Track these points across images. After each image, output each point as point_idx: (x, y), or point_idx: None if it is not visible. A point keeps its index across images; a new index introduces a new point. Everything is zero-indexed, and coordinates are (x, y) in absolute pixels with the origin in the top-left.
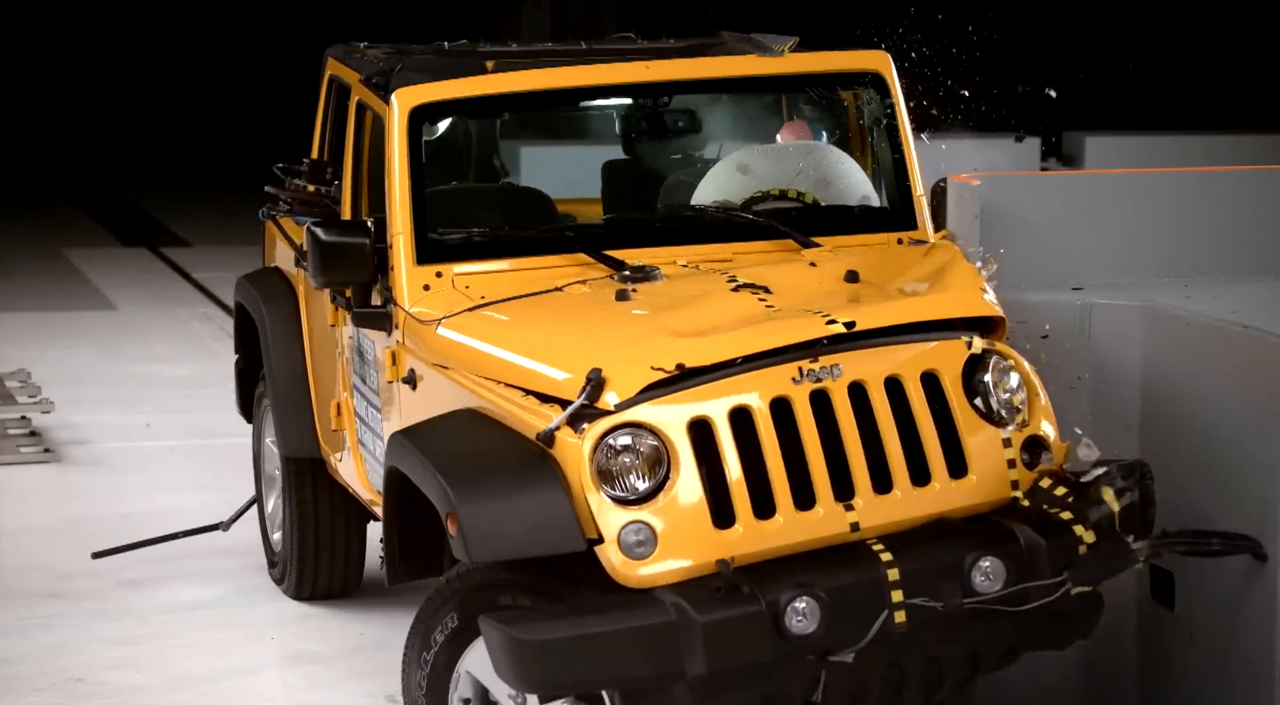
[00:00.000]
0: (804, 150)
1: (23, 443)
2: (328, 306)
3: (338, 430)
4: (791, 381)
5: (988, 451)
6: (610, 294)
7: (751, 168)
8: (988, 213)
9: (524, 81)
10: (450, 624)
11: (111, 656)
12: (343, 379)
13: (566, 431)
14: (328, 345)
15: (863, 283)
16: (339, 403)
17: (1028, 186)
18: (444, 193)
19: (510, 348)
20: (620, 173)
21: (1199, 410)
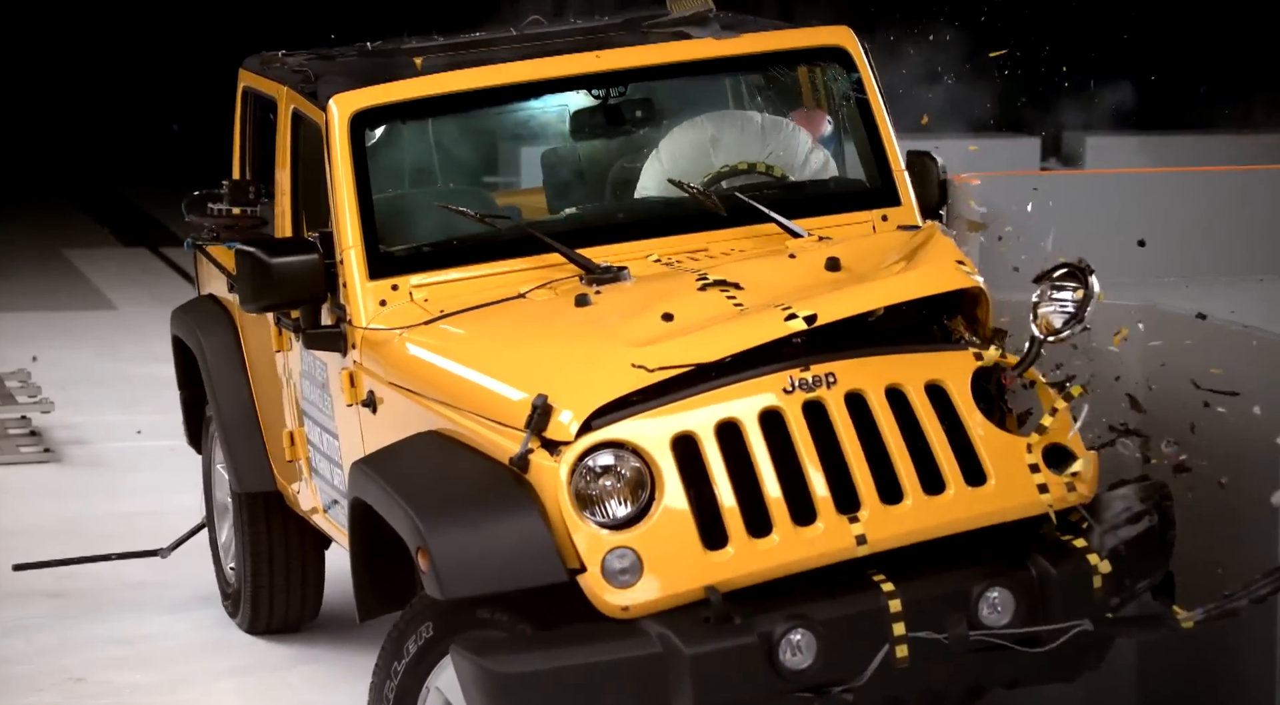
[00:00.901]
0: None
1: (23, 443)
2: (270, 332)
3: (292, 461)
4: (782, 392)
5: (1007, 457)
6: (572, 299)
7: (715, 138)
8: (988, 213)
9: (470, 79)
10: (425, 634)
11: (111, 656)
12: (293, 407)
13: (541, 454)
14: (273, 373)
15: (844, 271)
16: (291, 432)
17: (1028, 186)
18: (392, 201)
19: (468, 367)
20: (566, 164)
21: (1199, 410)
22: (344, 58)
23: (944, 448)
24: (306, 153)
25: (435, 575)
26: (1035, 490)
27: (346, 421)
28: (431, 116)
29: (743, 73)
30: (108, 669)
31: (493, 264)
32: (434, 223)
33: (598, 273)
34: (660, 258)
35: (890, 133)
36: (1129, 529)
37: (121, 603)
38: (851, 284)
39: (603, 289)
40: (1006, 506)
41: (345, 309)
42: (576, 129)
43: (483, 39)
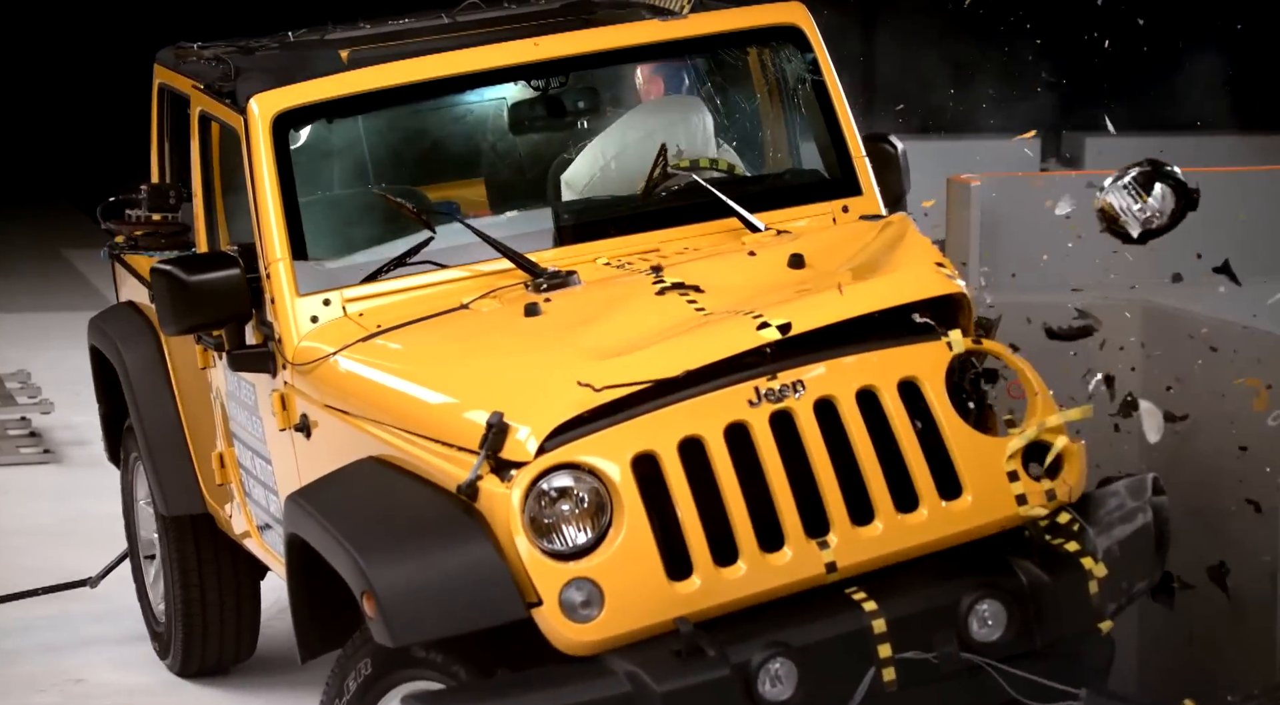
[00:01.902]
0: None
1: (23, 443)
2: (195, 346)
3: (223, 484)
4: (748, 404)
5: (984, 465)
6: (520, 309)
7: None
8: (988, 213)
9: (400, 73)
10: (364, 671)
11: (111, 657)
12: (221, 428)
13: (491, 480)
14: (200, 389)
15: (809, 268)
16: (220, 454)
17: (1028, 186)
18: (321, 207)
19: (411, 387)
20: (507, 160)
21: (1199, 411)
22: (264, 50)
23: (918, 459)
24: (225, 156)
25: (383, 621)
26: (1013, 502)
27: (279, 446)
28: (360, 114)
29: (690, 56)
30: (108, 669)
31: (432, 273)
32: (367, 230)
33: (545, 278)
34: (610, 260)
35: (849, 117)
36: (1122, 528)
37: (121, 603)
38: (819, 282)
39: (552, 296)
40: (983, 523)
41: (273, 327)
42: (516, 123)
43: (413, 26)
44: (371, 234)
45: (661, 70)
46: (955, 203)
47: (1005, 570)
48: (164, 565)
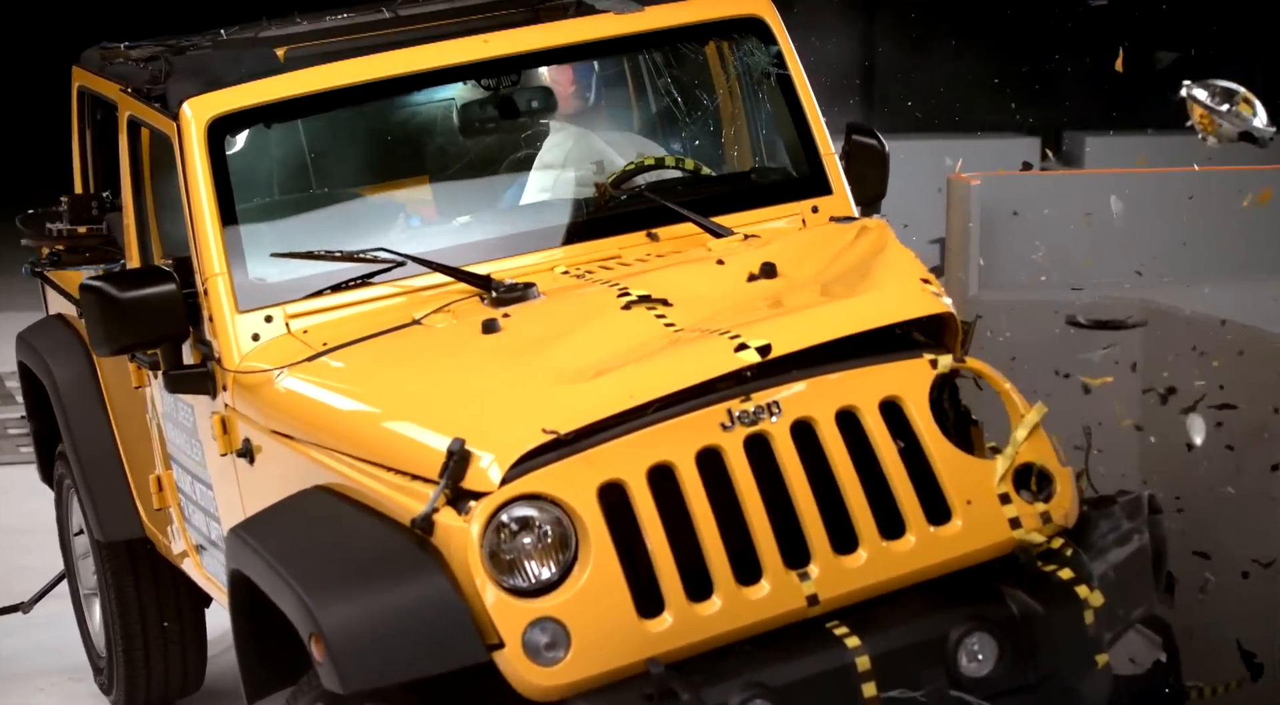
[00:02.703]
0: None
1: (22, 443)
2: (130, 363)
3: (161, 508)
4: (721, 428)
5: (973, 487)
6: (477, 325)
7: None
8: (988, 213)
9: (341, 74)
10: None
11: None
12: (159, 449)
13: (448, 513)
14: (136, 407)
15: (781, 278)
16: (158, 477)
17: (1028, 186)
18: (260, 216)
19: (361, 411)
20: (457, 164)
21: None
22: (195, 50)
23: (903, 483)
24: (156, 163)
25: (333, 667)
26: (1006, 526)
27: (221, 472)
28: (300, 117)
29: (648, 50)
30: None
31: (381, 286)
32: (312, 239)
33: (502, 292)
34: (569, 269)
35: (817, 112)
36: (1118, 552)
37: None
38: (794, 294)
39: (511, 311)
40: (974, 549)
41: (212, 345)
42: (465, 125)
43: (354, 22)
44: (317, 243)
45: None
46: (955, 203)
47: (996, 600)
48: (102, 594)
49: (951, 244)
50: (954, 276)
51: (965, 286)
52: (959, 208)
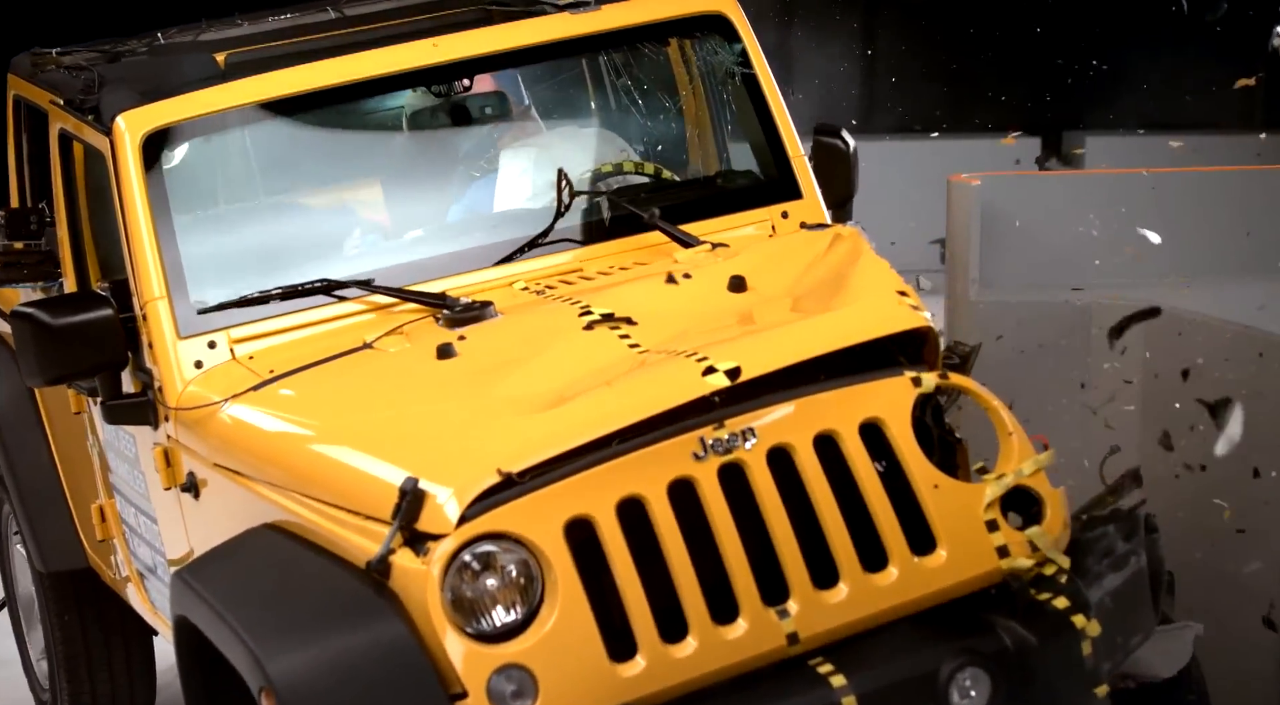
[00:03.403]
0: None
1: None
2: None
3: (105, 539)
4: (693, 457)
5: (959, 514)
6: (432, 349)
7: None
8: (988, 213)
9: (283, 83)
10: None
11: None
12: (101, 478)
13: (405, 555)
14: (76, 432)
15: (751, 292)
16: (100, 506)
17: (1028, 186)
18: (201, 234)
19: (311, 444)
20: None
21: (1199, 411)
22: (131, 56)
23: (885, 512)
24: (91, 178)
25: None
26: (994, 554)
27: (165, 507)
28: (241, 128)
29: (606, 51)
30: None
31: (331, 305)
32: (256, 255)
33: (457, 312)
34: (528, 284)
35: (784, 112)
36: (1114, 576)
37: None
38: (765, 310)
39: (467, 333)
40: (961, 579)
41: (152, 373)
42: (417, 133)
43: (297, 23)
44: (262, 260)
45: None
46: (955, 203)
47: (987, 632)
48: (44, 626)
49: (952, 244)
50: (954, 277)
51: (965, 287)
52: (959, 208)
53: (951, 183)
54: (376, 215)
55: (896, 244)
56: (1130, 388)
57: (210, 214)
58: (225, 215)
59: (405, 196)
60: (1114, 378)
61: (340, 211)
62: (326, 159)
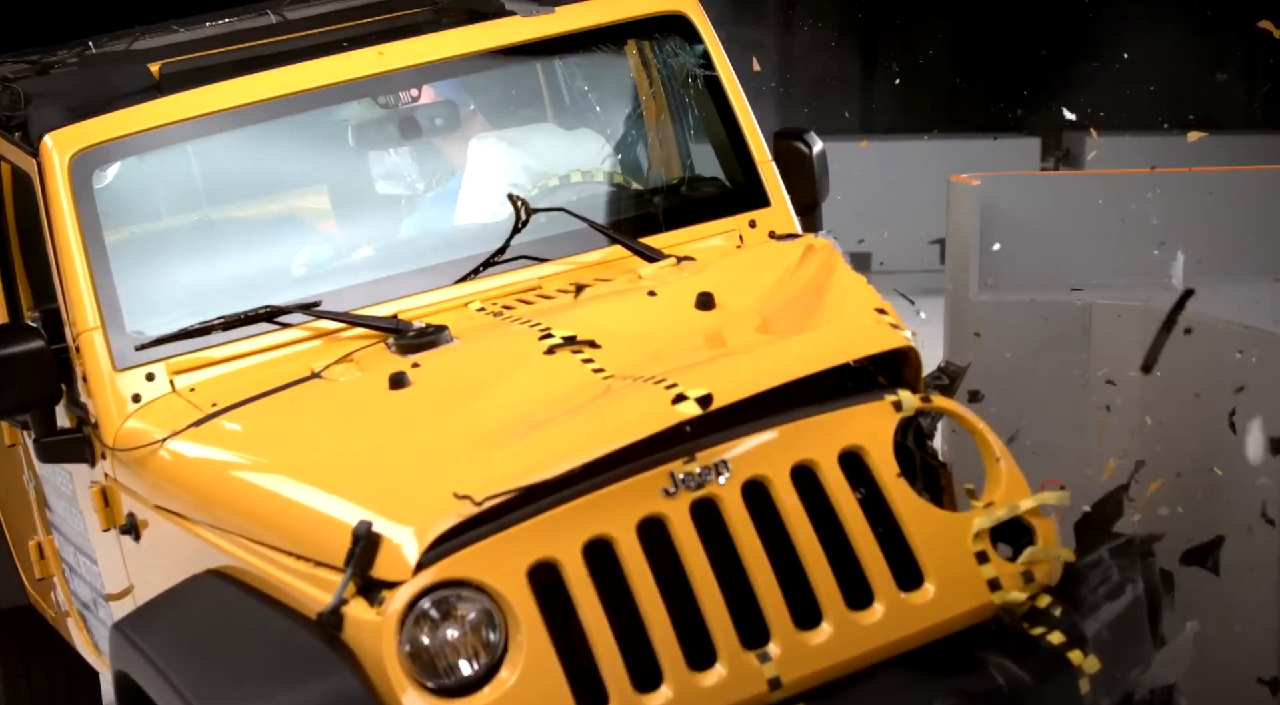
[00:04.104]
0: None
1: None
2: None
3: (44, 577)
4: (663, 493)
5: (947, 546)
6: (384, 379)
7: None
8: (988, 213)
9: (221, 97)
10: None
11: None
12: (38, 514)
13: (359, 605)
14: (12, 465)
15: (719, 309)
16: (39, 543)
17: (1028, 186)
18: (136, 258)
19: (258, 484)
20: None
21: (1200, 410)
22: (60, 68)
23: (868, 547)
24: (20, 201)
25: None
26: (985, 588)
27: (105, 548)
28: (177, 144)
29: (563, 56)
30: None
31: (276, 331)
32: (196, 278)
33: (410, 337)
34: (485, 304)
35: (750, 116)
36: (1111, 606)
37: None
38: (735, 330)
39: (421, 360)
40: (951, 616)
41: (88, 409)
42: (361, 148)
43: (236, 28)
44: (202, 284)
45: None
46: (955, 203)
47: (979, 671)
48: None
49: (952, 244)
50: (954, 277)
51: (965, 287)
52: (960, 208)
53: (951, 183)
54: (324, 234)
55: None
56: (1130, 387)
57: (146, 237)
58: (162, 238)
59: (354, 214)
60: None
61: (285, 231)
62: (269, 176)
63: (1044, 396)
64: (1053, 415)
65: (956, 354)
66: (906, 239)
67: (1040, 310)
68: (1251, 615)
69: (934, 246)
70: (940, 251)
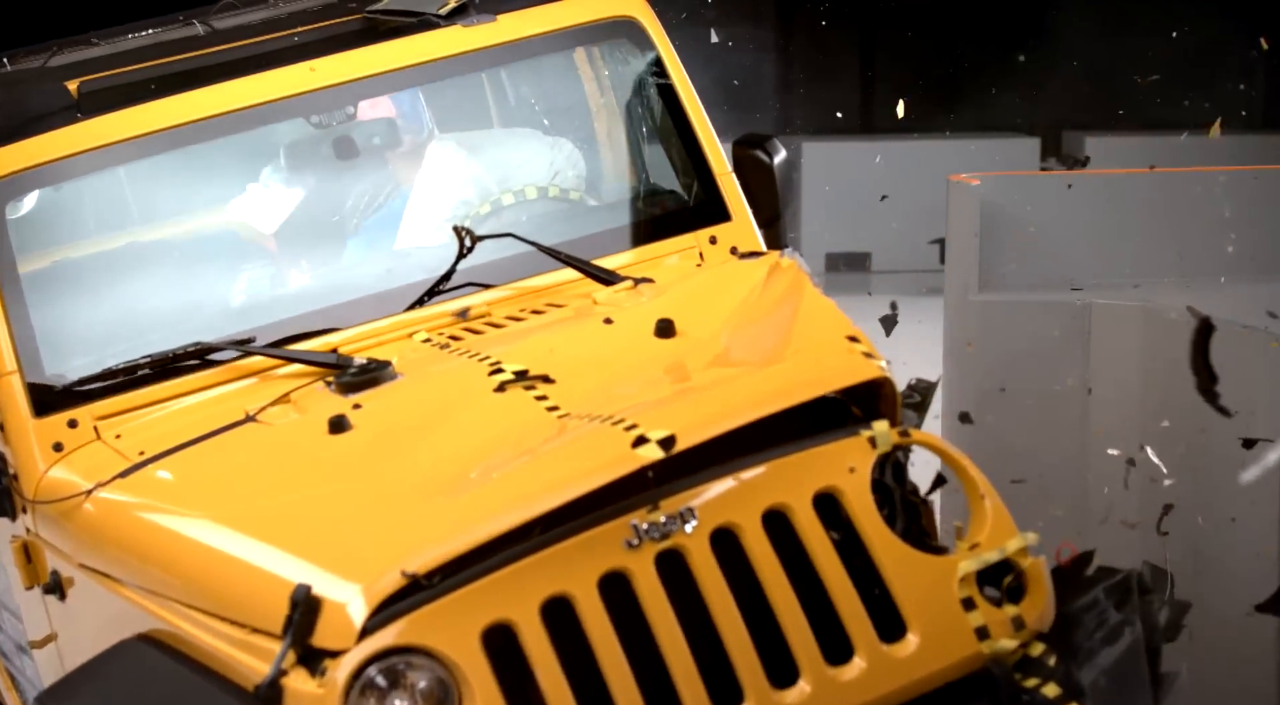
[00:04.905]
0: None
1: None
2: None
3: None
4: (625, 546)
5: (931, 593)
6: (323, 423)
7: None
8: (988, 213)
9: (143, 121)
10: None
11: None
12: None
13: (299, 675)
14: None
15: (680, 337)
16: None
17: (1028, 186)
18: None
19: (188, 541)
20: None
21: (1200, 410)
22: None
23: (847, 596)
24: None
25: None
26: (973, 637)
27: (30, 605)
28: (97, 170)
29: (508, 66)
30: None
31: (207, 370)
32: (118, 319)
33: (351, 374)
34: (431, 335)
35: (707, 125)
36: (1108, 652)
37: None
38: (697, 362)
39: (364, 400)
40: (936, 669)
41: (6, 458)
42: (294, 170)
43: (160, 39)
44: (127, 321)
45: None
46: (956, 203)
47: None
48: None
49: (952, 244)
50: (954, 277)
51: (965, 287)
52: (959, 208)
53: (951, 183)
54: (260, 263)
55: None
56: (1130, 387)
57: (66, 271)
58: (83, 272)
59: (291, 241)
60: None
61: (217, 260)
62: (198, 203)
63: (1043, 397)
64: (1052, 416)
65: (954, 354)
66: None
67: (1040, 310)
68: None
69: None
70: (940, 251)
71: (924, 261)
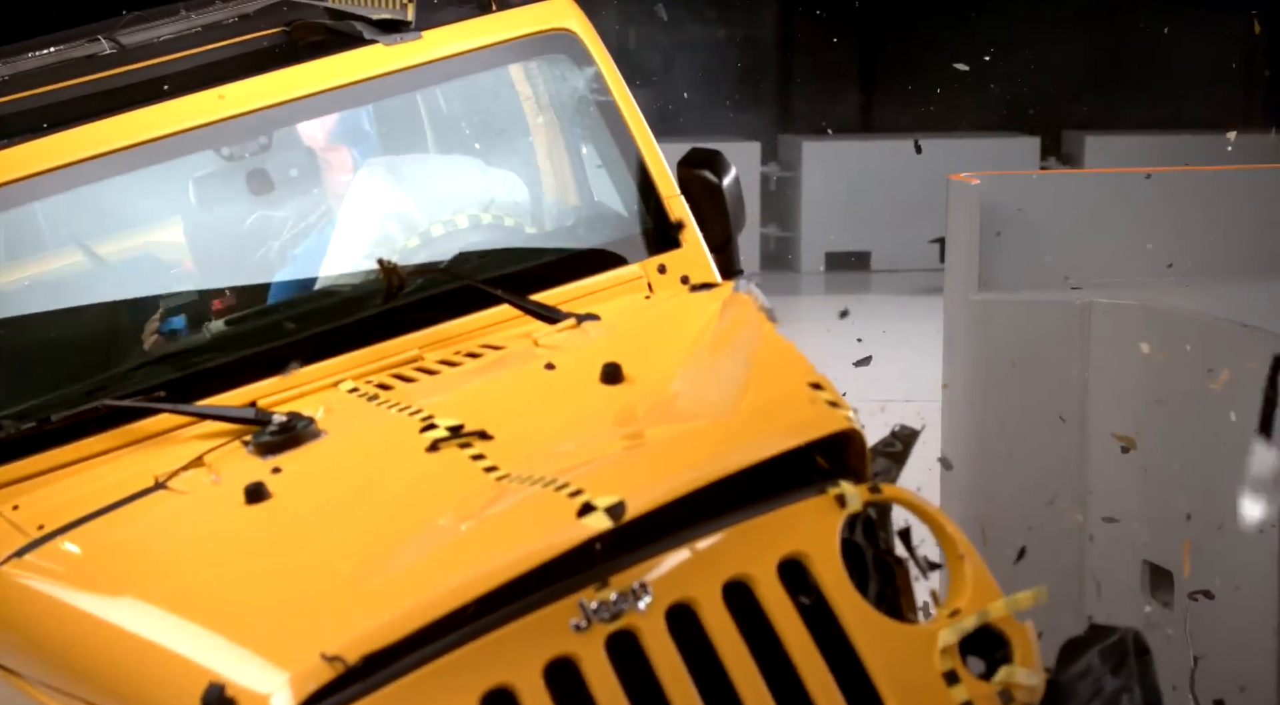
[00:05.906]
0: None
1: None
2: None
3: None
4: (572, 629)
5: (909, 666)
6: (239, 491)
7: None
8: (987, 213)
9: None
10: None
11: None
12: None
13: None
14: None
15: (628, 384)
16: None
17: (1028, 186)
18: None
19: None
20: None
21: (1200, 411)
22: None
23: (817, 674)
24: None
25: None
26: None
27: None
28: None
29: (437, 85)
30: None
31: (116, 430)
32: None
33: (271, 433)
34: (357, 384)
35: (652, 143)
36: None
37: None
38: (648, 413)
39: (283, 463)
40: None
41: None
42: (205, 206)
43: (64, 58)
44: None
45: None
46: (956, 203)
47: None
48: None
49: (952, 244)
50: (954, 277)
51: (965, 287)
52: (959, 208)
53: (951, 183)
54: (170, 307)
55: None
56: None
57: None
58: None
59: (201, 283)
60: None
61: (118, 304)
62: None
63: (1043, 397)
64: (1052, 416)
65: (953, 355)
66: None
67: (1040, 310)
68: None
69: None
70: (940, 251)
71: (924, 261)
